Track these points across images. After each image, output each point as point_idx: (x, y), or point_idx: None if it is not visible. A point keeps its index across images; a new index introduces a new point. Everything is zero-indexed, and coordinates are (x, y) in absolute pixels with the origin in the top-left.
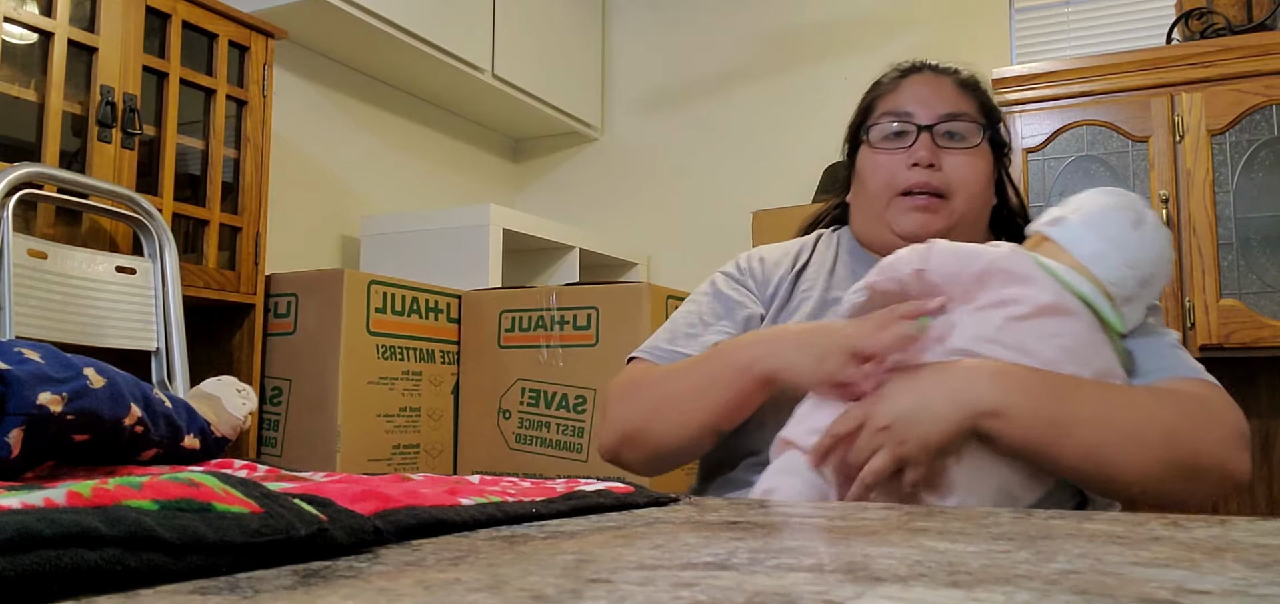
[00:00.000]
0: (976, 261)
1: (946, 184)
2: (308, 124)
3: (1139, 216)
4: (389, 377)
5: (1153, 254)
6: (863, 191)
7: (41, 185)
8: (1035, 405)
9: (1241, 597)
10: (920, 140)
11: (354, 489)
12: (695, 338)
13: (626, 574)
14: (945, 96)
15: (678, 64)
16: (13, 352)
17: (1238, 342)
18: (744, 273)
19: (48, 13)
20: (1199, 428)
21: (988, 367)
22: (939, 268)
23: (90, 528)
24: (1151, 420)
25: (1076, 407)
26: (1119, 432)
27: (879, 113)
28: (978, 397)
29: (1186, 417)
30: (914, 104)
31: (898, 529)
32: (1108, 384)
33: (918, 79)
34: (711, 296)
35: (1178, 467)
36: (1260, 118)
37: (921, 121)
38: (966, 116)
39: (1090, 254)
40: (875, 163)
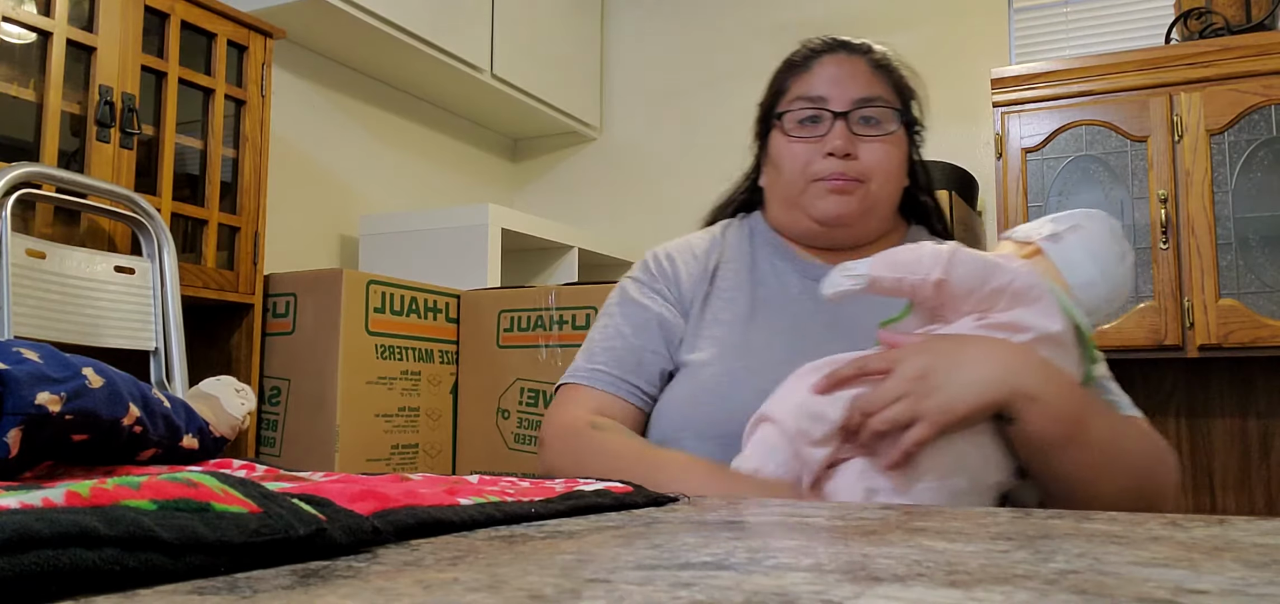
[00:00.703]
0: (995, 277)
1: (862, 171)
2: (306, 124)
3: (1125, 251)
4: (388, 376)
5: (1125, 291)
6: (777, 178)
7: (40, 185)
8: (1065, 403)
9: (1240, 596)
10: (836, 129)
11: (352, 489)
12: (613, 352)
13: (625, 574)
14: (859, 80)
15: (677, 63)
16: (11, 351)
17: (1236, 341)
18: (654, 275)
19: (46, 12)
20: (1166, 469)
21: (1030, 352)
22: (961, 280)
23: (89, 528)
24: (1138, 450)
25: (1091, 417)
26: (1115, 452)
27: (792, 96)
28: (1023, 378)
29: (1158, 456)
30: (827, 88)
31: (897, 529)
32: (1108, 405)
33: (830, 60)
34: (624, 306)
35: (1140, 499)
36: (1259, 117)
37: (836, 108)
38: (881, 101)
39: (1083, 282)
40: (790, 151)
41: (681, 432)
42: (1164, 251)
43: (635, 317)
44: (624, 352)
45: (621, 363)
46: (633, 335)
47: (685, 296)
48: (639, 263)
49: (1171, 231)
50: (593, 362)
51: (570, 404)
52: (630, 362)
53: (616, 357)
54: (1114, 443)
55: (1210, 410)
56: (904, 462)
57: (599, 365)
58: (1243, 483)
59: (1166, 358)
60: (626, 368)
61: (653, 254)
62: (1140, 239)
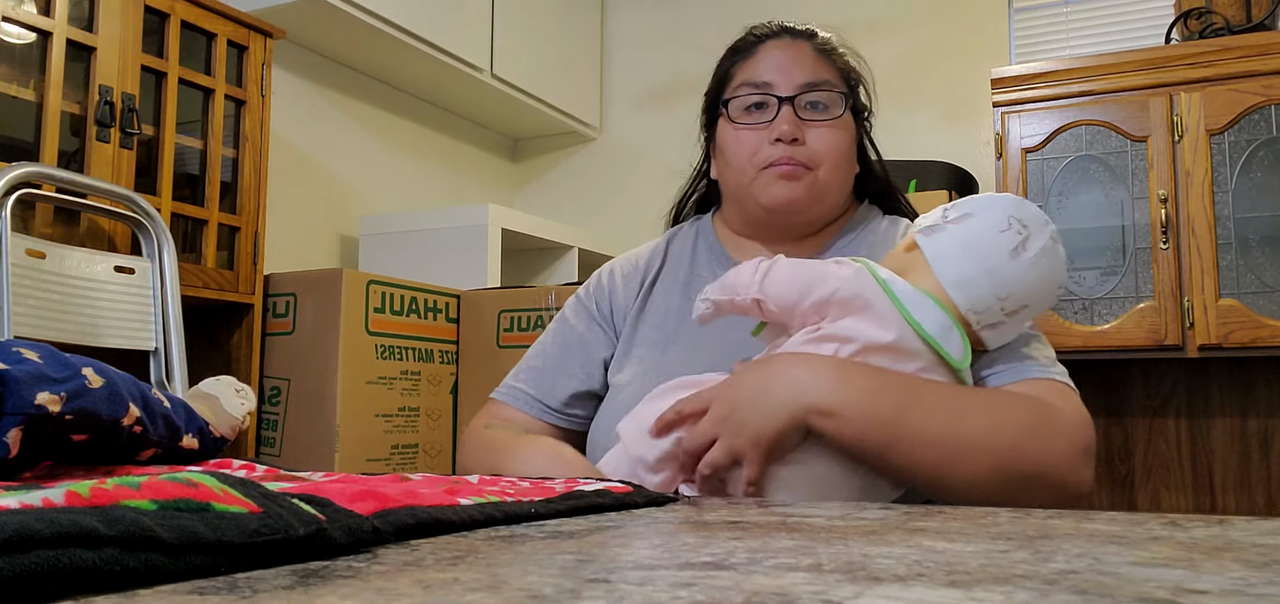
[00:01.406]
0: (817, 289)
1: (811, 157)
2: (306, 123)
3: (1024, 241)
4: (388, 376)
5: (1030, 285)
6: (726, 167)
7: (40, 185)
8: (872, 407)
9: (1240, 596)
10: (782, 114)
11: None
12: (533, 371)
13: (625, 574)
14: (805, 64)
15: (676, 63)
16: (11, 351)
17: (1236, 342)
18: (593, 294)
19: (46, 12)
20: (1040, 440)
21: (830, 364)
22: (776, 297)
23: (88, 528)
24: (990, 429)
25: (915, 412)
26: (955, 441)
27: (737, 82)
28: (813, 393)
29: (1028, 428)
30: (772, 73)
31: (896, 529)
32: (953, 389)
33: (775, 45)
34: (559, 324)
35: (1013, 477)
36: (1259, 117)
37: (781, 93)
38: (827, 85)
39: (955, 279)
40: (737, 138)
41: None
42: (1164, 251)
43: (562, 336)
44: (542, 372)
45: (537, 384)
46: (555, 356)
47: (618, 315)
48: (594, 275)
49: (1171, 231)
50: (516, 379)
51: (480, 415)
52: (545, 384)
53: (535, 377)
54: (951, 431)
55: (1210, 410)
56: (759, 493)
57: (519, 383)
58: (1243, 483)
59: (1166, 358)
60: (541, 389)
61: (606, 268)
62: (1140, 239)
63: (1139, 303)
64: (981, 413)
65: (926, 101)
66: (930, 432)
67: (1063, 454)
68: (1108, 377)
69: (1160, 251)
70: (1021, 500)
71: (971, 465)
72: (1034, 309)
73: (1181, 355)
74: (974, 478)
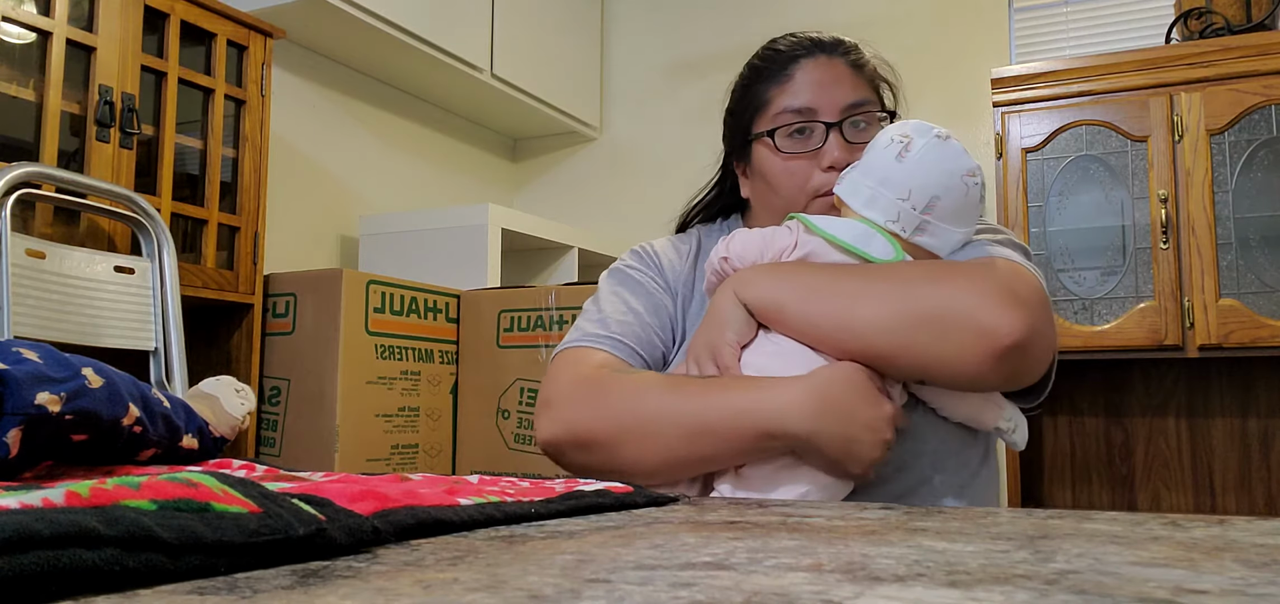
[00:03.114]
0: (773, 244)
1: None
2: (306, 124)
3: (907, 145)
4: (387, 376)
5: (924, 177)
6: (770, 194)
7: (40, 185)
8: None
9: (1240, 596)
10: (831, 142)
11: (352, 489)
12: (626, 325)
13: (625, 574)
14: (844, 84)
15: (676, 63)
16: (11, 351)
17: (1236, 342)
18: (649, 261)
19: (46, 12)
20: (956, 285)
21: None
22: (738, 254)
23: (88, 528)
24: (904, 279)
25: (825, 275)
26: (865, 290)
27: (776, 109)
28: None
29: (944, 277)
30: (813, 96)
31: (896, 529)
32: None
33: (811, 65)
34: (629, 285)
35: (920, 318)
36: (1259, 117)
37: (827, 118)
38: (868, 105)
39: (864, 201)
40: (785, 168)
41: None
42: (1164, 251)
43: (641, 295)
44: (637, 326)
45: (636, 337)
46: (645, 313)
47: (675, 289)
48: (629, 252)
49: (1171, 231)
50: (606, 329)
51: (575, 363)
52: (644, 337)
53: (630, 330)
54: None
55: (1210, 410)
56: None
57: (614, 333)
58: (1243, 483)
59: (1166, 358)
60: (640, 342)
61: (643, 246)
62: (1140, 239)
63: (1139, 303)
64: (901, 270)
65: (926, 101)
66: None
67: (980, 293)
68: (1108, 376)
69: (1160, 251)
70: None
71: (876, 305)
72: (949, 198)
73: (1181, 355)
74: (877, 318)
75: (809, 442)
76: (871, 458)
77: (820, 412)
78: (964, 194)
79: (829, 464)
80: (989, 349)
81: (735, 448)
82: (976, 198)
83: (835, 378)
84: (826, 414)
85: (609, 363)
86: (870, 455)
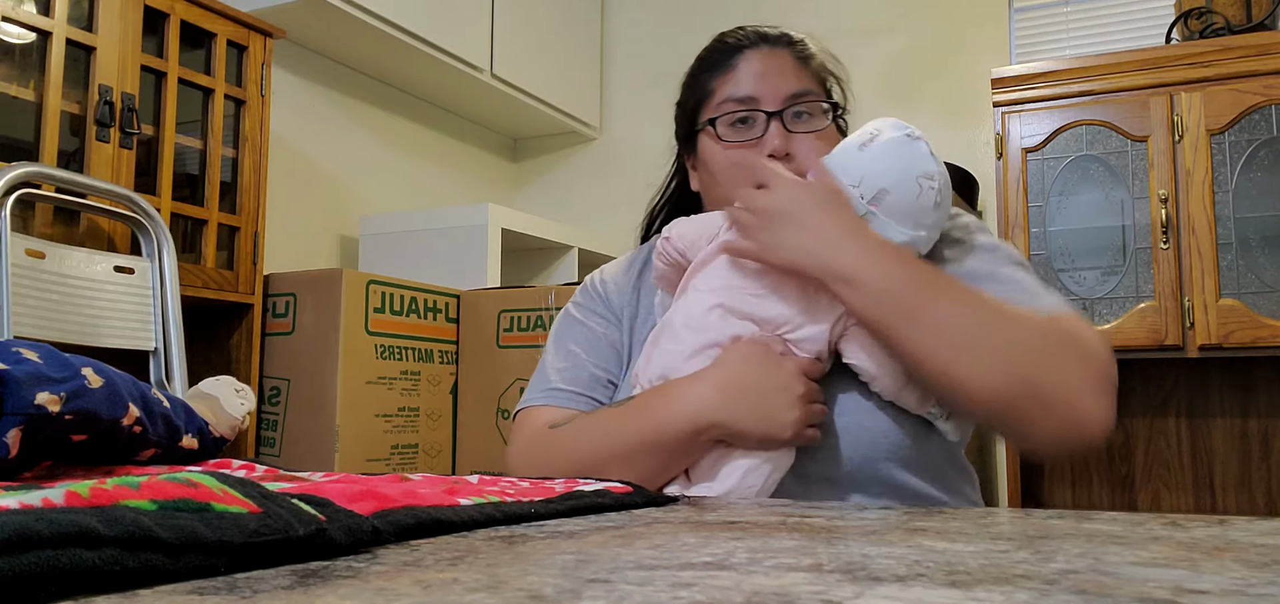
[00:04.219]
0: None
1: (800, 170)
2: (306, 123)
3: (874, 137)
4: (387, 376)
5: (878, 168)
6: (714, 185)
7: (39, 185)
8: (891, 285)
9: (1240, 596)
10: (771, 129)
11: (352, 489)
12: (564, 372)
13: (625, 574)
14: (787, 74)
15: (677, 63)
16: (11, 351)
17: (1237, 341)
18: (593, 298)
19: (46, 12)
20: (1060, 356)
21: (863, 237)
22: (681, 233)
23: (88, 528)
24: (1008, 331)
25: (936, 298)
26: (971, 335)
27: (719, 98)
28: (840, 259)
29: (1050, 343)
30: (756, 87)
31: (896, 529)
32: (977, 292)
33: (754, 55)
34: (571, 330)
35: (1025, 389)
36: (1259, 117)
37: (768, 107)
38: (811, 95)
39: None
40: (727, 157)
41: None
42: (1164, 251)
43: (583, 337)
44: (577, 370)
45: (577, 379)
46: (585, 355)
47: (623, 314)
48: (578, 289)
49: (1172, 231)
50: (549, 383)
51: (526, 425)
52: (584, 378)
53: (571, 377)
54: (970, 327)
55: (1210, 410)
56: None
57: (556, 386)
58: (1243, 483)
59: (1166, 358)
60: (584, 383)
61: (589, 279)
62: (1140, 239)
63: (1139, 303)
64: (1003, 315)
65: (926, 101)
66: (946, 319)
67: (1081, 376)
68: None
69: (1160, 251)
70: (1028, 422)
71: (985, 365)
72: (898, 199)
73: (1182, 355)
74: (984, 379)
75: (729, 427)
76: (792, 417)
77: (728, 396)
78: (915, 196)
79: (758, 440)
80: (1079, 437)
81: (675, 453)
82: (930, 203)
83: (734, 358)
84: (734, 395)
85: (553, 418)
86: (789, 416)
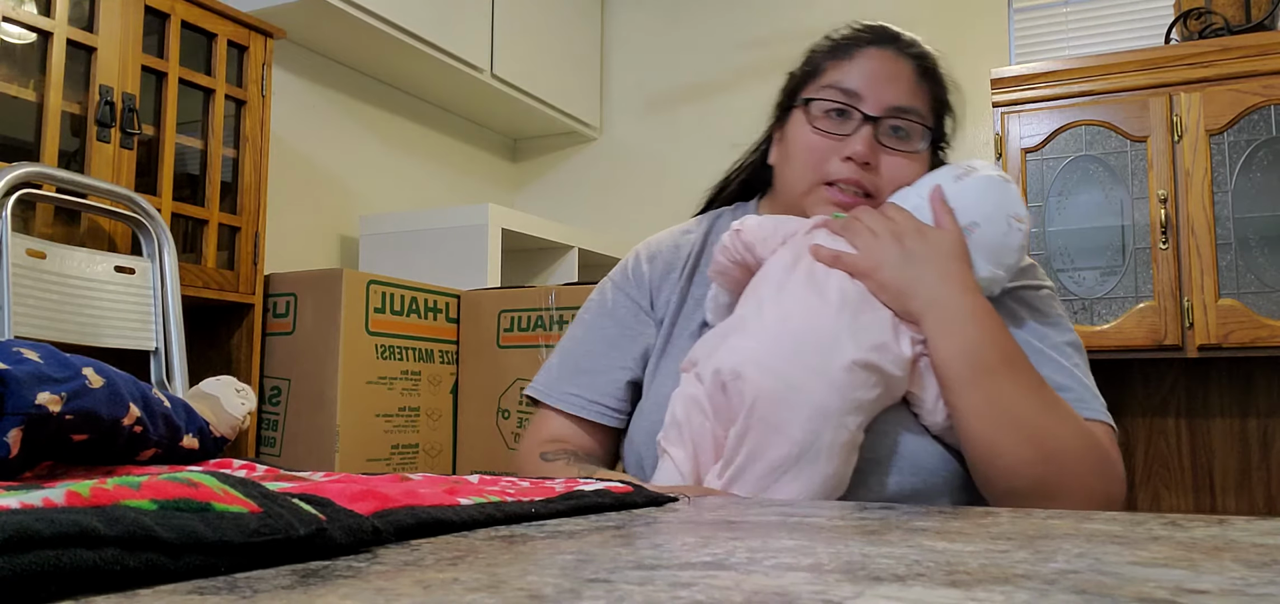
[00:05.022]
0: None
1: (877, 186)
2: (306, 124)
3: (969, 171)
4: (388, 376)
5: (972, 201)
6: (787, 161)
7: (40, 185)
8: (970, 346)
9: (1240, 596)
10: (861, 134)
11: (353, 489)
12: (596, 376)
13: (625, 574)
14: (901, 85)
15: (677, 64)
16: (11, 351)
17: (1236, 341)
18: (634, 281)
19: (46, 12)
20: (1085, 473)
21: (974, 294)
22: (751, 231)
23: (89, 528)
24: (1052, 431)
25: (1004, 376)
26: (1019, 420)
27: (824, 82)
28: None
29: (1081, 454)
30: (863, 85)
31: (896, 529)
32: (1040, 381)
33: (874, 53)
34: (598, 315)
35: (1043, 486)
36: (1259, 118)
37: (868, 110)
38: (916, 115)
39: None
40: (807, 141)
41: (647, 465)
42: (1164, 251)
43: (606, 331)
44: (594, 372)
45: (593, 385)
46: (603, 354)
47: (659, 307)
48: (622, 260)
49: (1171, 232)
50: (565, 382)
51: (533, 429)
52: (600, 384)
53: (588, 379)
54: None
55: (1210, 410)
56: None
57: (572, 388)
58: (1243, 483)
59: (1166, 358)
60: (598, 389)
61: (635, 254)
62: (1140, 239)
63: (1139, 303)
64: (1053, 411)
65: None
66: (1004, 397)
67: (1101, 496)
68: (1108, 377)
69: (1160, 251)
70: (1030, 504)
71: (1020, 453)
72: (988, 234)
73: (1181, 355)
74: (1014, 464)
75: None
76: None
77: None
78: (1004, 234)
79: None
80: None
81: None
82: (1015, 244)
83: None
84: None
85: (557, 433)
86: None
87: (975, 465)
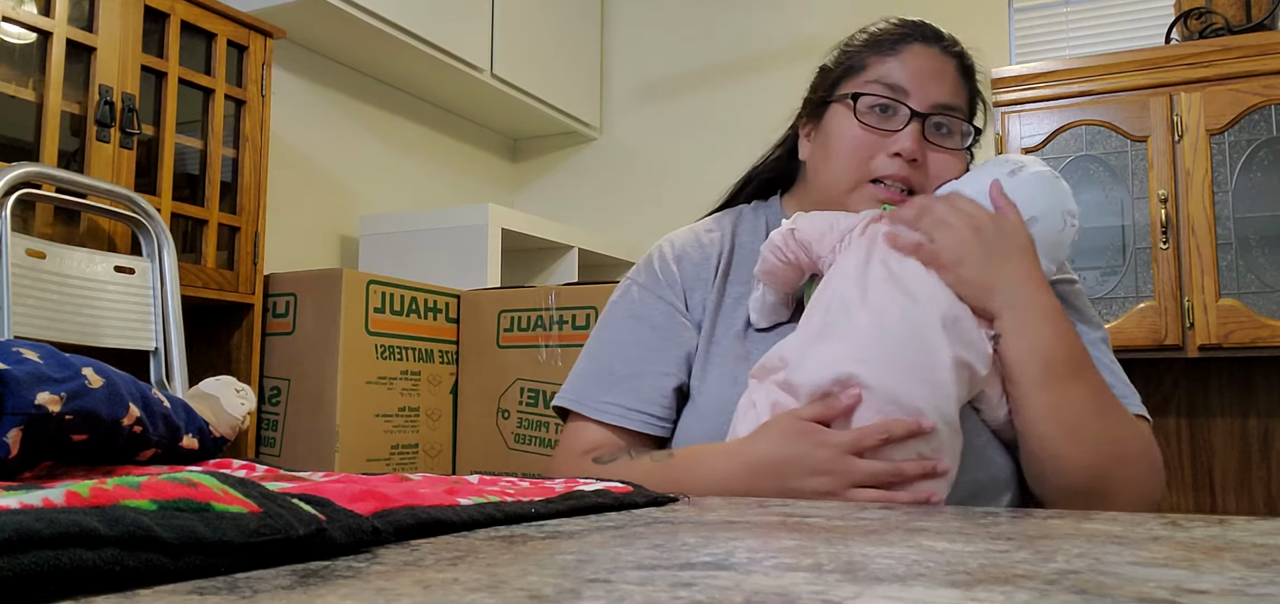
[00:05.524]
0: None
1: (922, 183)
2: (306, 124)
3: (1021, 167)
4: (387, 376)
5: (1029, 196)
6: (828, 155)
7: (40, 185)
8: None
9: (1240, 596)
10: (910, 129)
11: (352, 489)
12: (638, 383)
13: (625, 574)
14: (946, 82)
15: (677, 63)
16: (11, 351)
17: (1237, 341)
18: (665, 282)
19: (46, 12)
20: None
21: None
22: (806, 230)
23: (88, 528)
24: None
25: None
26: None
27: (869, 77)
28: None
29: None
30: (910, 80)
31: (896, 529)
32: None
33: (920, 50)
34: (628, 318)
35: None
36: (1259, 118)
37: (915, 106)
38: (959, 111)
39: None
40: (853, 136)
41: None
42: (1164, 251)
43: (643, 336)
44: (638, 378)
45: (637, 393)
46: (646, 358)
47: (695, 307)
48: (644, 260)
49: (1171, 232)
50: (593, 387)
51: (567, 441)
52: (645, 390)
53: (631, 386)
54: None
55: (1210, 410)
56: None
57: (614, 398)
58: (1243, 483)
59: (1166, 358)
60: (643, 398)
61: (659, 252)
62: (1140, 239)
63: (1139, 303)
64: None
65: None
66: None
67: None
68: None
69: (1160, 251)
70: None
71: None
72: (1045, 229)
73: (1181, 355)
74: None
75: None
76: (817, 495)
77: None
78: (1059, 229)
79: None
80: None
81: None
82: (1068, 240)
83: (771, 433)
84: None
85: (599, 442)
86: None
87: (1033, 462)
